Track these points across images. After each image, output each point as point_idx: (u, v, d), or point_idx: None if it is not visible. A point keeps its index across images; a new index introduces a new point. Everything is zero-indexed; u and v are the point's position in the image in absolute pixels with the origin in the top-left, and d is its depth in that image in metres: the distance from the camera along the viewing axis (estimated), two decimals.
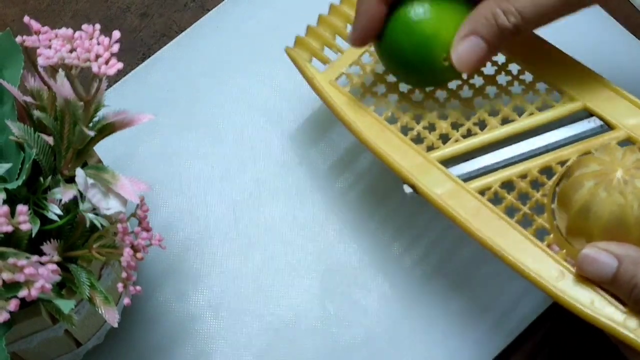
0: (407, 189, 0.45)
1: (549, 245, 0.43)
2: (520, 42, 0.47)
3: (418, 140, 0.47)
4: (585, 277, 0.41)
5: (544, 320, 0.52)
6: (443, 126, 0.47)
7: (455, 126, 0.47)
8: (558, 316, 0.52)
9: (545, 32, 0.47)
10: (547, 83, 0.47)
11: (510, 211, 0.44)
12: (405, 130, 0.47)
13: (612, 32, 0.60)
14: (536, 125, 0.46)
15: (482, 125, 0.47)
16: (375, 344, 0.52)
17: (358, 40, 0.44)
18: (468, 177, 0.45)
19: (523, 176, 0.45)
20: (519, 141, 0.46)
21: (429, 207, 0.53)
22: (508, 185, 0.45)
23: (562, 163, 0.45)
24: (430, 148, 0.46)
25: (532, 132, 0.46)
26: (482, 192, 0.45)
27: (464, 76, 0.48)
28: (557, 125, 0.46)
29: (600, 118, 0.46)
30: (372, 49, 0.49)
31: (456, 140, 0.46)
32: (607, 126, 0.45)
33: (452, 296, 0.53)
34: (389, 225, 0.55)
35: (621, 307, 0.41)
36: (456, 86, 0.48)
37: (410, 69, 0.45)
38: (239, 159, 0.57)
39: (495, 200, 0.44)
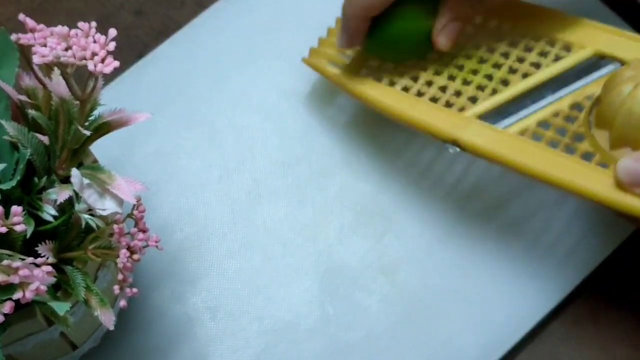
0: (450, 148, 0.48)
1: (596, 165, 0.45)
2: (515, 12, 0.51)
3: (448, 105, 0.50)
4: (626, 188, 0.43)
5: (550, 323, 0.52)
6: (469, 90, 0.50)
7: (480, 88, 0.50)
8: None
9: None
10: (551, 39, 0.50)
11: (553, 145, 0.46)
12: (434, 100, 0.50)
13: None
14: (555, 75, 0.49)
15: (505, 83, 0.50)
16: (375, 346, 0.51)
17: (346, 46, 0.52)
18: (504, 127, 0.48)
19: (556, 114, 0.47)
20: (543, 92, 0.49)
21: (432, 208, 0.54)
22: (544, 124, 0.47)
23: (589, 97, 0.47)
24: (461, 110, 0.49)
25: (553, 83, 0.49)
26: (521, 133, 0.47)
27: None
28: (574, 74, 0.49)
29: (612, 57, 0.48)
30: None
31: (484, 99, 0.49)
32: (621, 64, 0.48)
33: (453, 297, 0.52)
34: (390, 225, 0.54)
35: None
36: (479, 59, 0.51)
37: (400, 54, 0.52)
38: (237, 158, 0.57)
39: (536, 138, 0.47)
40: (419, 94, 0.51)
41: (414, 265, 0.53)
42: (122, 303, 0.40)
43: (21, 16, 0.41)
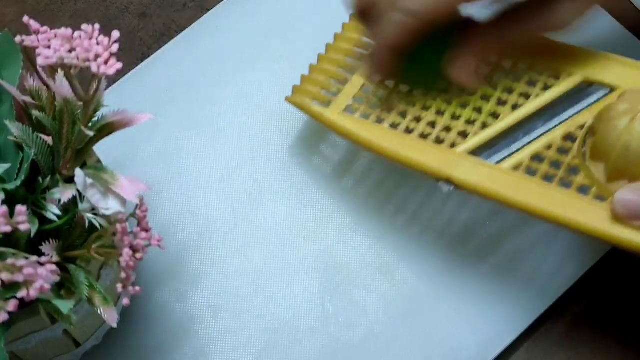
0: (444, 187, 0.47)
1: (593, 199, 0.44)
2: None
3: (439, 142, 0.48)
4: (624, 221, 0.42)
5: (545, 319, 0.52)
6: (459, 125, 0.49)
7: (470, 122, 0.49)
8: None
9: None
10: (541, 68, 0.49)
11: (548, 179, 0.45)
12: (423, 136, 0.49)
13: None
14: (545, 104, 0.48)
15: (495, 116, 0.48)
16: (374, 344, 0.52)
17: (374, 79, 0.51)
18: (497, 161, 0.47)
19: (548, 147, 0.46)
20: (534, 123, 0.48)
21: (432, 205, 0.55)
22: (537, 157, 0.46)
23: (581, 127, 0.46)
24: (452, 146, 0.48)
25: (543, 113, 0.48)
26: (515, 169, 0.46)
27: None
28: (564, 102, 0.48)
29: (601, 84, 0.48)
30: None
31: (475, 134, 0.48)
32: (610, 89, 0.47)
33: (452, 296, 0.53)
34: (390, 225, 0.55)
35: None
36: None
37: (430, 86, 0.50)
38: (239, 158, 0.57)
39: (530, 173, 0.46)
40: (408, 130, 0.49)
41: (413, 264, 0.54)
42: (125, 301, 0.40)
43: (25, 18, 0.41)
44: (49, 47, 0.40)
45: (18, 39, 0.41)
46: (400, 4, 0.46)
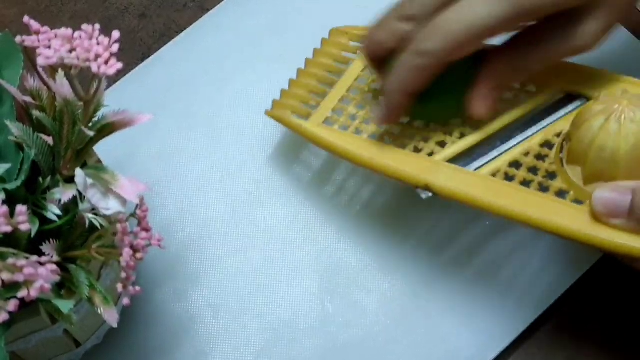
0: (422, 193, 0.47)
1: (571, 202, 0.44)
2: None
3: (417, 151, 0.48)
4: (603, 220, 0.42)
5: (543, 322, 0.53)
6: (436, 135, 0.49)
7: (447, 133, 0.49)
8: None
9: None
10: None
11: (526, 184, 0.46)
12: (402, 146, 0.49)
13: None
14: (522, 114, 0.48)
15: (473, 126, 0.48)
16: (373, 344, 0.52)
17: (386, 122, 0.49)
18: (475, 168, 0.47)
19: (526, 153, 0.47)
20: (512, 132, 0.48)
21: (432, 207, 0.54)
22: (515, 164, 0.47)
23: (558, 134, 0.47)
24: (430, 154, 0.48)
25: (521, 122, 0.48)
26: (493, 175, 0.46)
27: None
28: (541, 112, 0.48)
29: (578, 94, 0.48)
30: (350, 93, 0.53)
31: (453, 143, 0.48)
32: (587, 99, 0.48)
33: (451, 297, 0.53)
34: (389, 225, 0.55)
35: None
36: None
37: (443, 119, 0.49)
38: (238, 158, 0.57)
39: (508, 179, 0.46)
40: (387, 141, 0.49)
41: (413, 264, 0.54)
42: (126, 301, 0.40)
43: (25, 18, 0.41)
44: (49, 47, 0.40)
45: (18, 39, 0.41)
46: (416, 46, 0.44)
